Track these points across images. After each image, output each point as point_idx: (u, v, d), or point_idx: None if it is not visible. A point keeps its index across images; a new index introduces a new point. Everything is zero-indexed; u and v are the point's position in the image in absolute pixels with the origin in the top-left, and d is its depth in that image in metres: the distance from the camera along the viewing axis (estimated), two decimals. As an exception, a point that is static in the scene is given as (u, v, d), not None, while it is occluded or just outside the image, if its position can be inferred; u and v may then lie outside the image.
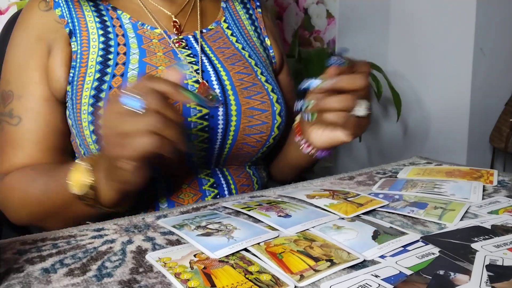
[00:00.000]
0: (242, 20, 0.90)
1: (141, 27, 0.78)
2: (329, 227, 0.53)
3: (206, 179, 0.77)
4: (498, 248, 0.47)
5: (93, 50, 0.75)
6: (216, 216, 0.56)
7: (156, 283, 0.42)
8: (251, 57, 0.84)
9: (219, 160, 0.78)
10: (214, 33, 0.84)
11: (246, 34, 0.88)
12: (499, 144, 1.82)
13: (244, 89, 0.78)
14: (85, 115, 0.72)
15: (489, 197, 0.63)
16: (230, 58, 0.81)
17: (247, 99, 0.77)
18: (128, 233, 0.53)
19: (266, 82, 0.81)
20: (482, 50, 1.82)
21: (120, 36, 0.77)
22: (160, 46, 0.77)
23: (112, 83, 0.72)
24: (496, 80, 1.89)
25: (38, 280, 0.43)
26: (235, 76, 0.79)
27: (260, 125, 0.77)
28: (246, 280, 0.42)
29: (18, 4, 1.27)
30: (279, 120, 0.79)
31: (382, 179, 0.73)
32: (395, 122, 1.95)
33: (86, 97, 0.72)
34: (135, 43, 0.76)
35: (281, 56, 0.93)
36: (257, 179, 0.84)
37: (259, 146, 0.79)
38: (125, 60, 0.74)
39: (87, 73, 0.74)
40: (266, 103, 0.78)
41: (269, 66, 0.88)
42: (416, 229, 0.53)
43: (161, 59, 0.75)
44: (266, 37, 0.91)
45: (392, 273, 0.43)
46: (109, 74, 0.73)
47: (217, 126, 0.74)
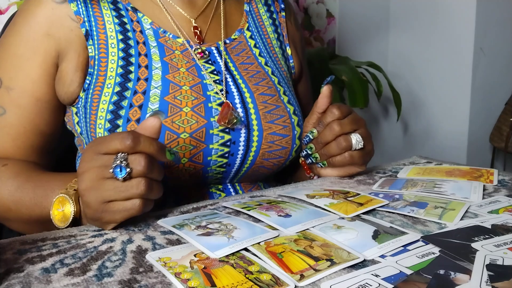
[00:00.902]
0: (265, 27, 0.86)
1: (163, 35, 0.74)
2: (329, 226, 0.53)
3: (217, 194, 0.76)
4: (498, 247, 0.47)
5: (112, 58, 0.71)
6: (216, 216, 0.56)
7: (156, 282, 0.42)
8: (274, 73, 0.81)
9: (234, 179, 0.77)
10: (237, 44, 0.81)
11: (269, 44, 0.85)
12: (499, 143, 1.82)
13: (267, 112, 0.76)
14: (101, 130, 0.68)
15: (489, 196, 0.63)
16: (254, 77, 0.78)
17: (269, 124, 0.75)
18: (128, 232, 0.53)
19: (288, 103, 0.79)
20: (482, 50, 1.82)
21: (141, 44, 0.72)
22: (183, 60, 0.73)
23: (133, 101, 0.68)
24: (496, 80, 1.89)
25: (38, 280, 0.43)
26: (259, 98, 0.76)
27: (279, 150, 0.76)
28: (246, 279, 0.42)
29: (18, 4, 1.27)
30: (298, 143, 0.79)
31: (382, 178, 0.73)
32: (395, 122, 1.95)
33: (103, 110, 0.68)
34: (156, 54, 0.72)
35: (300, 65, 0.91)
36: None
37: (275, 168, 0.79)
38: (147, 75, 0.70)
39: (105, 84, 0.70)
40: (288, 128, 0.77)
41: (289, 80, 0.86)
42: (416, 229, 0.53)
43: (185, 76, 0.71)
44: (287, 46, 0.89)
45: (392, 273, 0.43)
46: (130, 89, 0.69)
47: (237, 152, 0.73)
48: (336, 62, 1.66)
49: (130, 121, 0.67)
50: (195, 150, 0.69)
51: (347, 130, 0.71)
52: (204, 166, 0.71)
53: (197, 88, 0.71)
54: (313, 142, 0.74)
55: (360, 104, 1.50)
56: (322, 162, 0.74)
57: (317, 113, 0.74)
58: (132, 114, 0.67)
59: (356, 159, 0.71)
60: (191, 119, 0.69)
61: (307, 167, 0.79)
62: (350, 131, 0.71)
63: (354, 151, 0.71)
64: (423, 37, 1.94)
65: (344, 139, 0.70)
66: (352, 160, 0.71)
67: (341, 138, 0.70)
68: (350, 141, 0.70)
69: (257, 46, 0.83)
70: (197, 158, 0.70)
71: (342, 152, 0.71)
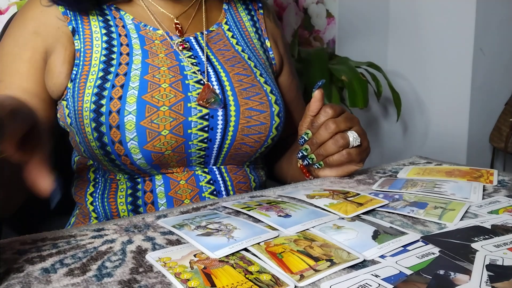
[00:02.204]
0: (243, 22, 0.91)
1: (144, 28, 0.80)
2: (329, 227, 0.53)
3: (203, 176, 0.78)
4: (498, 248, 0.47)
5: (96, 49, 0.76)
6: (216, 216, 0.56)
7: (156, 283, 0.42)
8: (251, 59, 0.85)
9: (218, 159, 0.79)
10: (215, 35, 0.85)
11: (247, 36, 0.90)
12: (499, 143, 1.83)
13: (243, 90, 0.79)
14: (87, 113, 0.73)
15: (489, 196, 0.63)
16: (230, 60, 0.82)
17: (246, 100, 0.78)
18: (128, 233, 0.53)
19: (265, 83, 0.82)
20: (482, 50, 1.82)
21: (123, 36, 0.78)
22: (162, 47, 0.78)
23: (115, 82, 0.73)
24: (496, 80, 1.89)
25: (38, 280, 0.43)
26: (234, 77, 0.80)
27: (258, 125, 0.79)
28: (246, 280, 0.42)
29: (18, 4, 1.27)
30: (278, 121, 0.81)
31: (382, 178, 0.73)
32: (395, 122, 1.95)
33: (88, 94, 0.73)
34: (137, 44, 0.77)
35: (280, 58, 0.95)
36: (255, 177, 0.85)
37: (257, 146, 0.80)
38: (128, 60, 0.75)
39: (90, 71, 0.75)
40: (265, 104, 0.80)
41: (268, 68, 0.89)
42: (416, 229, 0.53)
43: (163, 60, 0.77)
44: (266, 39, 0.93)
45: (392, 273, 0.43)
46: (113, 73, 0.74)
47: (216, 126, 0.76)
48: (336, 62, 1.66)
49: (112, 99, 0.72)
50: (175, 122, 0.72)
51: (343, 128, 0.71)
52: (186, 140, 0.74)
53: (175, 69, 0.76)
54: (308, 143, 0.74)
55: (360, 104, 1.50)
56: (319, 162, 0.74)
57: (310, 116, 0.74)
58: (115, 93, 0.72)
59: (353, 156, 0.72)
60: (170, 93, 0.73)
61: (305, 170, 0.79)
62: (345, 129, 0.72)
63: (351, 148, 0.71)
64: (423, 37, 1.94)
65: (341, 137, 0.70)
66: (350, 157, 0.71)
67: (338, 136, 0.70)
68: (347, 138, 0.71)
69: (235, 37, 0.87)
70: (178, 130, 0.73)
71: (340, 150, 0.71)
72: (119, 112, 0.71)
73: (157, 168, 0.76)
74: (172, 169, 0.77)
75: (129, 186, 0.78)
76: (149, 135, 0.71)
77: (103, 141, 0.72)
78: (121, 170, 0.76)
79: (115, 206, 0.78)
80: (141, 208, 0.77)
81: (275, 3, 1.80)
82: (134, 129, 0.71)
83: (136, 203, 0.77)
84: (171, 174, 0.78)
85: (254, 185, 0.85)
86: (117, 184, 0.78)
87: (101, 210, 0.79)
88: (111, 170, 0.77)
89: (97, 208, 0.80)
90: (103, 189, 0.79)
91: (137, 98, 0.72)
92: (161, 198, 0.76)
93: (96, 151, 0.74)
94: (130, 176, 0.78)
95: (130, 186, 0.78)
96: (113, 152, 0.73)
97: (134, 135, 0.71)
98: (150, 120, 0.71)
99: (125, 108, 0.71)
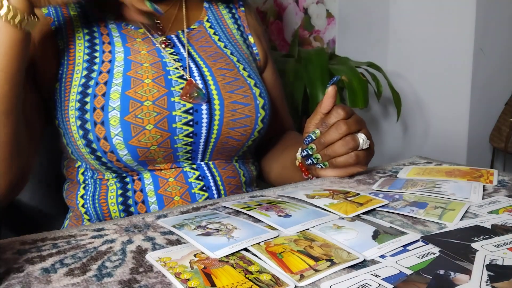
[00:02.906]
0: (225, 19, 0.92)
1: (125, 27, 0.81)
2: (329, 226, 0.53)
3: (191, 172, 0.79)
4: (498, 247, 0.47)
5: (79, 48, 0.78)
6: (216, 216, 0.56)
7: (156, 283, 0.42)
8: (233, 54, 0.86)
9: (205, 154, 0.80)
10: (196, 32, 0.87)
11: (228, 32, 0.91)
12: (499, 143, 1.83)
13: (226, 84, 0.80)
14: (73, 111, 0.74)
15: (489, 196, 0.63)
16: (212, 56, 0.83)
17: (229, 94, 0.79)
18: (128, 233, 0.53)
19: (249, 77, 0.83)
20: (482, 50, 1.82)
21: (105, 35, 0.79)
22: (144, 44, 0.80)
23: (98, 79, 0.75)
24: (496, 80, 1.89)
25: (38, 280, 0.43)
26: (217, 72, 0.81)
27: (243, 118, 0.79)
28: (246, 279, 0.42)
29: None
30: (263, 113, 0.82)
31: (382, 178, 0.73)
32: (395, 122, 1.95)
33: (74, 93, 0.75)
34: (119, 42, 0.79)
35: (265, 54, 0.96)
36: (244, 172, 0.85)
37: (244, 140, 0.81)
38: (111, 58, 0.77)
39: (74, 70, 0.76)
40: (249, 97, 0.80)
41: (252, 63, 0.90)
42: (416, 229, 0.53)
43: (145, 56, 0.78)
44: (249, 35, 0.93)
45: (392, 273, 0.43)
46: (96, 71, 0.75)
47: (201, 120, 0.76)
48: (336, 62, 1.66)
49: (96, 96, 0.73)
50: (159, 116, 0.73)
51: (353, 130, 0.71)
52: (171, 135, 0.75)
53: (157, 65, 0.77)
54: (314, 143, 0.73)
55: (360, 104, 1.50)
56: (323, 162, 0.73)
57: (321, 113, 0.74)
58: (98, 90, 0.74)
59: (361, 158, 0.72)
60: (153, 88, 0.74)
61: (304, 169, 0.79)
62: (355, 131, 0.71)
63: (359, 150, 0.71)
64: (423, 37, 1.94)
65: (352, 139, 0.70)
66: (358, 159, 0.71)
67: (348, 137, 0.70)
68: (358, 140, 0.71)
69: (216, 33, 0.88)
70: (162, 124, 0.73)
71: (349, 152, 0.71)
72: (103, 109, 0.72)
73: (144, 165, 0.76)
74: (160, 166, 0.78)
75: (118, 186, 0.78)
76: (134, 130, 0.72)
77: (89, 139, 0.73)
78: (108, 168, 0.76)
79: (106, 207, 0.78)
80: (132, 207, 0.77)
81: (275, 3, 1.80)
82: (118, 124, 0.72)
83: (127, 203, 0.77)
84: (159, 172, 0.78)
85: (244, 179, 0.85)
86: (107, 185, 0.79)
87: (92, 212, 0.80)
88: (99, 170, 0.78)
89: (89, 210, 0.80)
90: (93, 190, 0.80)
91: (121, 94, 0.73)
92: (151, 196, 0.76)
93: (83, 149, 0.75)
94: (118, 175, 0.78)
95: (120, 187, 0.78)
96: (98, 149, 0.73)
97: (118, 130, 0.72)
98: (134, 115, 0.72)
99: (109, 104, 0.72)
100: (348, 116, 0.72)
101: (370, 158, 0.75)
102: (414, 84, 2.01)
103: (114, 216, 0.78)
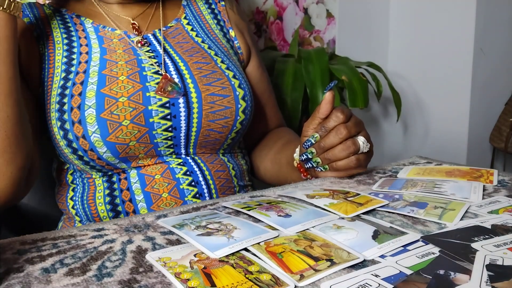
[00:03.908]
0: (203, 15, 0.93)
1: (103, 30, 0.82)
2: (329, 226, 0.53)
3: (178, 168, 0.79)
4: (498, 247, 0.47)
5: (58, 51, 0.80)
6: (216, 216, 0.56)
7: (156, 282, 0.42)
8: (211, 48, 0.87)
9: (188, 148, 0.80)
10: (174, 30, 0.88)
11: (207, 28, 0.91)
12: (499, 144, 1.82)
13: (203, 76, 0.81)
14: (53, 113, 0.75)
15: (489, 196, 0.63)
16: (189, 51, 0.84)
17: (207, 86, 0.80)
18: (128, 233, 0.53)
19: (227, 69, 0.84)
20: (482, 50, 1.82)
21: (83, 38, 0.82)
22: (120, 44, 0.81)
23: (75, 80, 0.76)
24: (496, 80, 1.89)
25: (38, 280, 0.43)
26: (193, 66, 0.82)
27: (223, 110, 0.80)
28: (246, 279, 0.42)
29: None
30: (244, 104, 0.82)
31: (382, 178, 0.73)
32: (395, 122, 1.95)
33: (54, 96, 0.77)
34: (96, 43, 0.80)
35: (247, 48, 0.95)
36: (233, 165, 0.85)
37: (226, 132, 0.81)
38: (88, 58, 0.79)
39: (54, 73, 0.78)
40: (227, 89, 0.81)
41: (233, 56, 0.90)
42: (416, 229, 0.53)
43: (121, 55, 0.79)
44: (230, 29, 0.94)
45: (392, 273, 0.43)
46: (73, 72, 0.77)
47: (179, 114, 0.77)
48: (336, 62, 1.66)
49: (73, 96, 0.75)
50: (135, 111, 0.74)
51: (353, 134, 0.71)
52: (149, 129, 0.75)
53: (132, 62, 0.79)
54: (314, 147, 0.73)
55: (360, 104, 1.50)
56: (323, 166, 0.73)
57: (319, 118, 0.73)
58: (75, 90, 0.75)
59: (362, 161, 0.72)
60: (127, 85, 0.76)
61: (303, 170, 0.79)
62: (355, 134, 0.71)
63: (360, 154, 0.71)
64: (423, 37, 1.94)
65: (353, 143, 0.70)
66: (358, 163, 0.71)
67: (349, 142, 0.70)
68: (358, 144, 0.70)
69: (194, 30, 0.89)
70: (139, 119, 0.74)
71: (349, 156, 0.71)
72: (80, 107, 0.73)
73: (126, 162, 0.77)
74: (143, 162, 0.78)
75: (106, 186, 0.78)
76: (110, 126, 0.73)
77: (69, 138, 0.74)
78: (92, 167, 0.77)
79: (95, 207, 0.79)
80: (119, 206, 0.77)
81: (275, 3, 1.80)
82: (95, 122, 0.73)
83: (114, 202, 0.78)
84: (145, 169, 0.78)
85: (233, 173, 0.85)
86: (95, 185, 0.79)
87: (82, 213, 0.80)
88: (84, 170, 0.78)
89: (79, 211, 0.80)
90: (82, 192, 0.80)
91: (96, 92, 0.74)
92: (138, 194, 0.76)
93: (65, 150, 0.76)
94: (104, 173, 0.78)
95: (107, 186, 0.78)
96: (79, 148, 0.74)
97: (95, 128, 0.73)
98: (110, 111, 0.73)
99: (85, 102, 0.74)
100: (347, 119, 0.71)
101: (370, 159, 0.75)
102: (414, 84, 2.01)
103: (102, 216, 0.78)
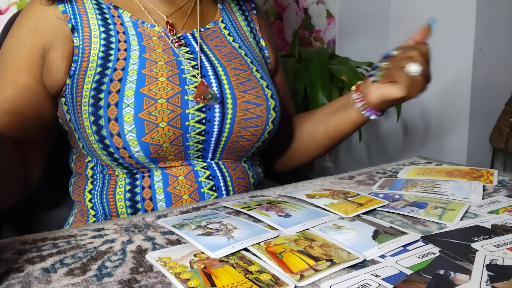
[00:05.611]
0: (238, 21, 0.93)
1: (142, 25, 0.81)
2: (329, 226, 0.53)
3: (202, 171, 0.79)
4: (498, 247, 0.47)
5: (94, 45, 0.78)
6: (216, 216, 0.56)
7: (156, 282, 0.42)
8: (247, 55, 0.87)
9: (215, 153, 0.80)
10: (211, 32, 0.87)
11: (242, 34, 0.92)
12: (499, 144, 1.82)
13: (240, 83, 0.81)
14: (86, 107, 0.74)
15: (489, 196, 0.63)
16: (227, 56, 0.84)
17: (242, 93, 0.80)
18: (128, 233, 0.53)
19: (261, 78, 0.84)
20: (482, 50, 1.82)
21: (121, 33, 0.80)
22: (159, 43, 0.80)
23: (113, 76, 0.75)
24: (496, 80, 1.89)
25: (38, 280, 0.43)
26: (231, 71, 0.82)
27: (255, 118, 0.80)
28: (246, 279, 0.42)
29: (18, 4, 1.27)
30: (274, 114, 0.83)
31: (382, 178, 0.73)
32: (395, 122, 1.95)
33: (87, 89, 0.75)
34: (135, 40, 0.79)
35: (275, 58, 0.97)
36: (253, 174, 0.86)
37: (254, 140, 0.82)
38: (126, 55, 0.77)
39: (88, 67, 0.77)
40: (261, 98, 0.81)
41: (264, 66, 0.92)
42: (416, 229, 0.53)
43: (160, 55, 0.78)
44: (261, 38, 0.95)
45: (392, 273, 0.43)
46: (111, 68, 0.76)
47: (213, 118, 0.77)
48: (336, 62, 1.66)
49: (111, 93, 0.74)
50: (172, 114, 0.74)
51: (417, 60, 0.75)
52: (183, 132, 0.75)
53: (172, 63, 0.78)
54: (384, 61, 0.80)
55: (360, 104, 1.50)
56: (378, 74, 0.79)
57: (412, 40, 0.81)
58: (113, 87, 0.74)
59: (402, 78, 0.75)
60: (167, 87, 0.75)
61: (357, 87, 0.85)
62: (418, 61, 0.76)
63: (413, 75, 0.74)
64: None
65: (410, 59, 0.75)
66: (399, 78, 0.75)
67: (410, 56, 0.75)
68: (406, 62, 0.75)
69: (231, 34, 0.90)
70: (175, 122, 0.74)
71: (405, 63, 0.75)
72: (118, 105, 0.73)
73: (155, 162, 0.77)
74: (170, 163, 0.78)
75: (127, 182, 0.78)
76: (147, 127, 0.73)
77: (102, 134, 0.74)
78: (119, 164, 0.77)
79: (114, 203, 0.78)
80: (139, 204, 0.77)
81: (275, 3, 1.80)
82: (132, 121, 0.72)
83: (134, 199, 0.77)
84: (169, 169, 0.78)
85: (252, 181, 0.86)
86: (116, 180, 0.79)
87: (99, 207, 0.80)
88: (109, 165, 0.78)
89: (96, 205, 0.80)
90: (101, 186, 0.80)
91: (135, 91, 0.73)
92: (160, 193, 0.76)
93: (95, 145, 0.75)
94: (128, 171, 0.78)
95: (129, 182, 0.78)
96: (111, 145, 0.74)
97: (132, 127, 0.72)
98: (148, 112, 0.72)
99: (123, 101, 0.73)
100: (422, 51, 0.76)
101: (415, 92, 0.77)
102: (414, 84, 2.00)
103: (120, 212, 0.78)
